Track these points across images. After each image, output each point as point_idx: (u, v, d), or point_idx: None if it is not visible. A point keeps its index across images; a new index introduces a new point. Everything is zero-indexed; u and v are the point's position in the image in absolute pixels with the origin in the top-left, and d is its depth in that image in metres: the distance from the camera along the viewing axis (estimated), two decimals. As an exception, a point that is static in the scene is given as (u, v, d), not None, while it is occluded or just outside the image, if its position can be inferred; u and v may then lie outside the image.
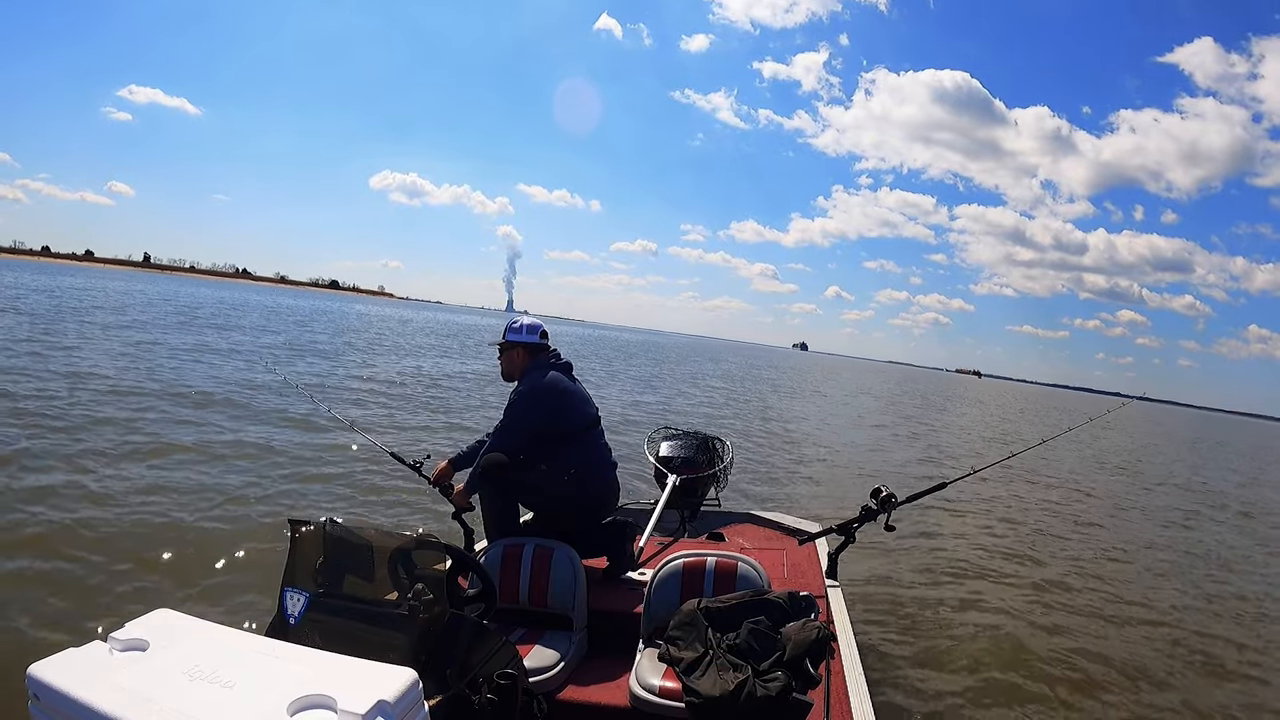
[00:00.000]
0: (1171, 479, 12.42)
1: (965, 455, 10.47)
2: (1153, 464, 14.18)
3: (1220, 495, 11.41)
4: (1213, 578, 5.37)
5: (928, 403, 27.71)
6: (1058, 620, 3.39)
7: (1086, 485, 9.00)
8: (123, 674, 1.17)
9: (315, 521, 1.65)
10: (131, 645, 1.25)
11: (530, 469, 2.74)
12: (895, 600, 3.75)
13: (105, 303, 26.96)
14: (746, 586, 2.11)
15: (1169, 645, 3.51)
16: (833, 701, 1.89)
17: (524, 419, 2.75)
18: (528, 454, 2.75)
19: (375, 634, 1.47)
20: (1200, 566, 5.77)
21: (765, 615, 1.90)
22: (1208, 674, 3.27)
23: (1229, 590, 4.84)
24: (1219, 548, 6.86)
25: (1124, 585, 4.39)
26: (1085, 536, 5.64)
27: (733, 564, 2.19)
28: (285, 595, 1.54)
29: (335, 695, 1.09)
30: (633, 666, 2.02)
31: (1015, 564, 4.21)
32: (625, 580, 2.74)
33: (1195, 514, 8.71)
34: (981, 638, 3.25)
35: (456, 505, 2.86)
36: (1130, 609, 3.91)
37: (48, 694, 1.14)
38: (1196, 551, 6.41)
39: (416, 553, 1.62)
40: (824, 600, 2.45)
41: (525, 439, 2.76)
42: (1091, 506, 7.34)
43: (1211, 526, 8.26)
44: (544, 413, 2.75)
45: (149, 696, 1.10)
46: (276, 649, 1.28)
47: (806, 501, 5.34)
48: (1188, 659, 3.43)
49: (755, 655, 1.80)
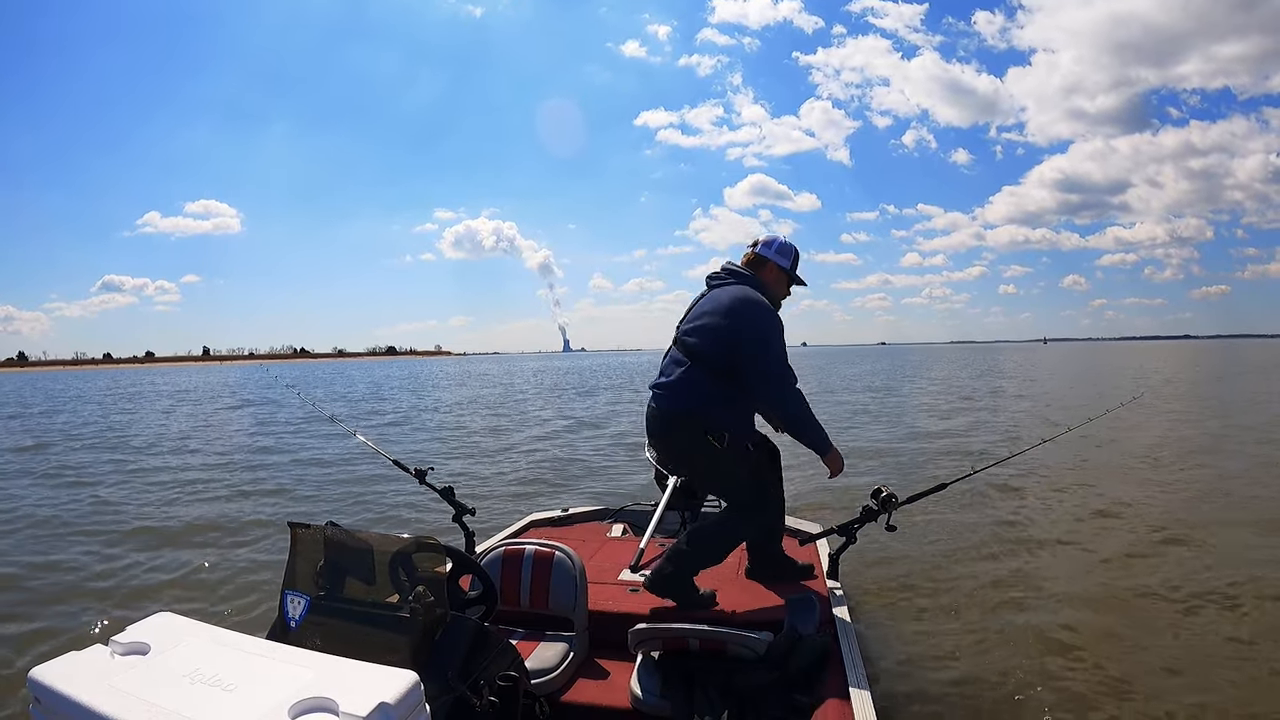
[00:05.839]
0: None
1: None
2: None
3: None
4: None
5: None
6: (1071, 621, 3.37)
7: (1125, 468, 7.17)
8: (124, 677, 1.17)
9: (316, 524, 1.65)
10: (132, 649, 1.25)
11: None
12: (897, 600, 3.75)
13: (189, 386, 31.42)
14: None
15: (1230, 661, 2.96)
16: (834, 702, 1.89)
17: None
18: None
19: (376, 636, 1.46)
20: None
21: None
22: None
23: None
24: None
25: (1174, 576, 3.88)
26: (1125, 524, 4.91)
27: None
28: (286, 598, 1.54)
29: (336, 698, 1.09)
30: (634, 668, 2.02)
31: (1025, 561, 4.20)
32: (625, 581, 2.74)
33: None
34: (988, 640, 3.24)
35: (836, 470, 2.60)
36: (1176, 612, 3.42)
37: (49, 697, 1.14)
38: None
39: (417, 555, 1.61)
40: (825, 601, 2.45)
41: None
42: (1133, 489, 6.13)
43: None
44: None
45: (150, 700, 1.10)
46: (277, 652, 1.27)
47: (806, 501, 5.34)
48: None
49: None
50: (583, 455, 9.45)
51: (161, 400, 25.06)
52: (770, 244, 2.65)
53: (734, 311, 2.44)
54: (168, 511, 6.45)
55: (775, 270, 2.63)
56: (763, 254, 2.63)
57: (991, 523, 4.97)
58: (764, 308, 2.48)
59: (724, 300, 2.49)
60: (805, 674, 1.89)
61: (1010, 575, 3.95)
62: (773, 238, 2.68)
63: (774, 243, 2.66)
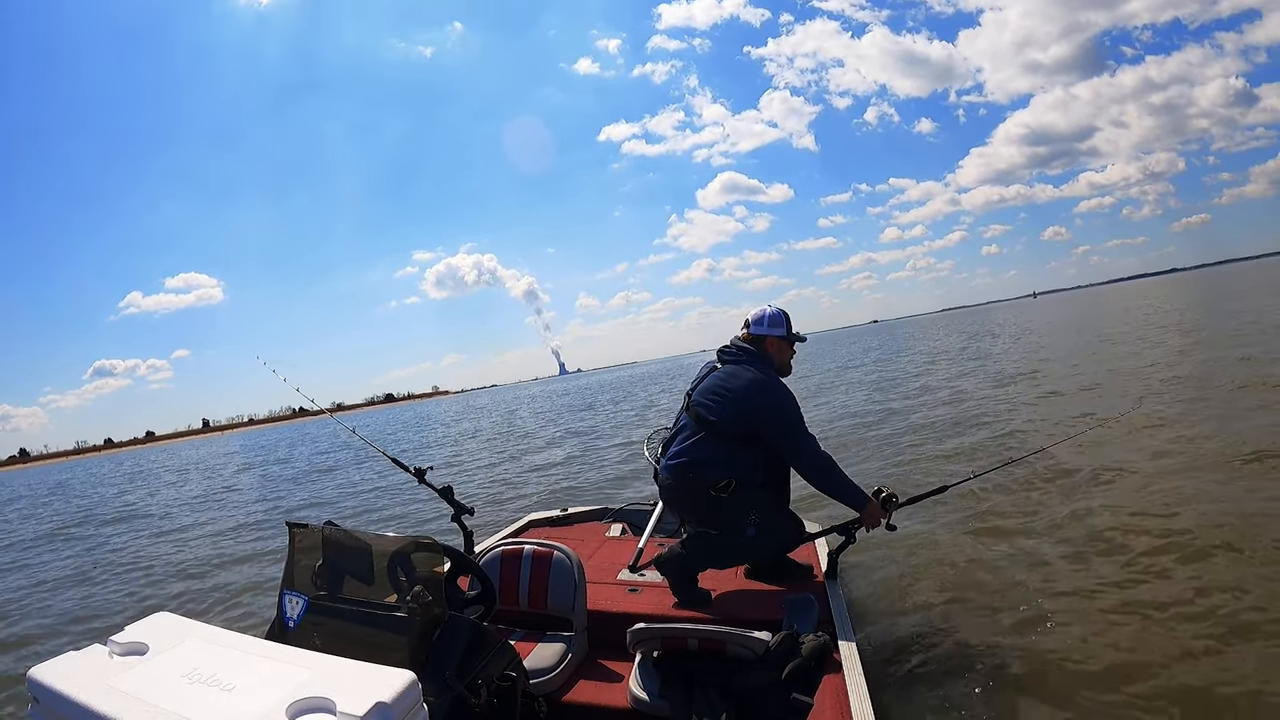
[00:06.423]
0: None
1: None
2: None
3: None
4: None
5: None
6: (1072, 622, 3.37)
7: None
8: (122, 677, 1.17)
9: (314, 525, 1.66)
10: (131, 648, 1.26)
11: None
12: (896, 601, 3.75)
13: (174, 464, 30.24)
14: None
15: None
16: (833, 702, 1.89)
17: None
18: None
19: (374, 636, 1.47)
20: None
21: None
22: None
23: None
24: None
25: (1185, 577, 3.65)
26: (1131, 525, 4.51)
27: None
28: (284, 598, 1.55)
29: (334, 697, 1.10)
30: (632, 668, 2.02)
31: (1025, 561, 4.20)
32: (624, 581, 2.74)
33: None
34: (987, 639, 3.24)
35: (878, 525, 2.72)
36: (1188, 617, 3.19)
37: (48, 697, 1.14)
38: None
39: (415, 555, 1.62)
40: (824, 601, 2.45)
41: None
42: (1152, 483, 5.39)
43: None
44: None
45: (148, 700, 1.11)
46: (275, 651, 1.28)
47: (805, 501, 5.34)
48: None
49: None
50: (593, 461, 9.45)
51: (168, 474, 24.57)
52: (760, 320, 2.82)
53: (751, 399, 2.62)
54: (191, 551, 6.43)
55: (775, 342, 2.81)
56: (756, 333, 2.81)
57: (992, 523, 4.97)
58: (780, 394, 2.66)
59: (740, 384, 2.66)
60: (804, 674, 1.90)
61: (1011, 575, 3.95)
62: (760, 313, 2.84)
63: (763, 318, 2.82)
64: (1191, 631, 3.16)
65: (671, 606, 2.51)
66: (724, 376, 2.72)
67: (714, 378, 2.75)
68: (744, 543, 2.62)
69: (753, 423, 2.61)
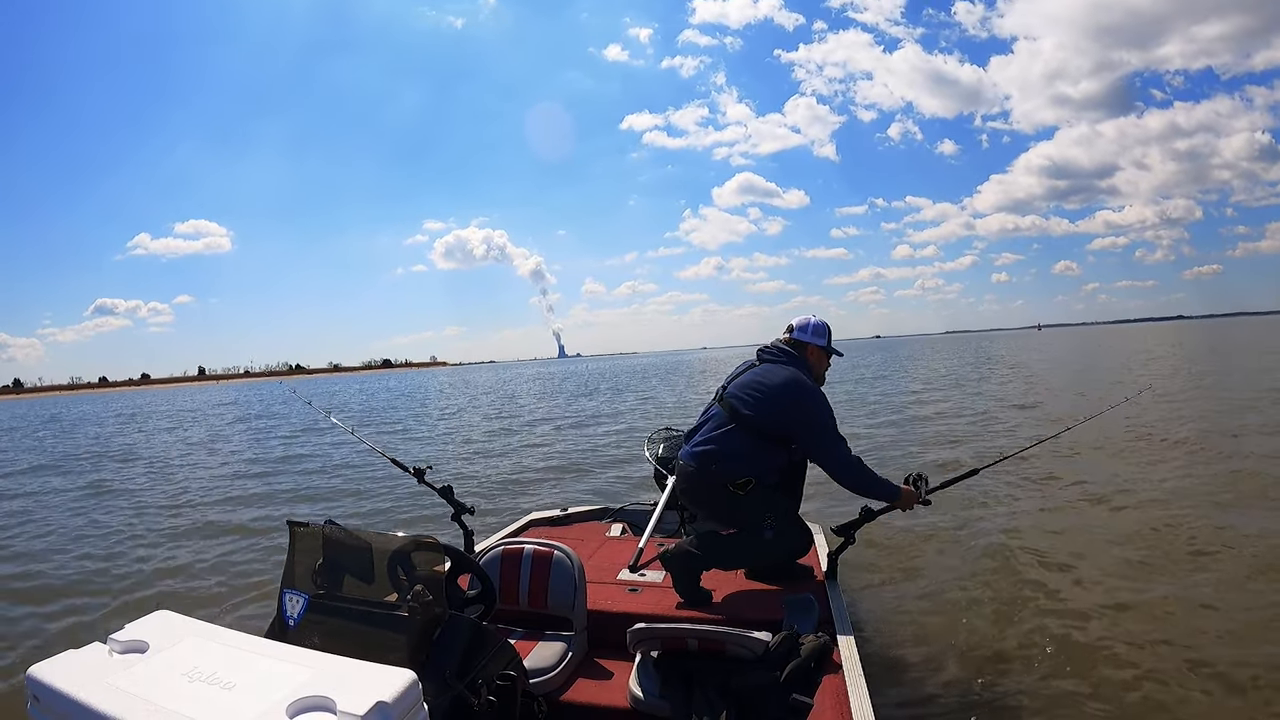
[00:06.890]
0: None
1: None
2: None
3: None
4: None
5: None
6: (1073, 621, 3.36)
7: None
8: (122, 675, 1.17)
9: (314, 523, 1.65)
10: (131, 647, 1.25)
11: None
12: (896, 601, 3.75)
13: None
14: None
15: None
16: (833, 702, 1.89)
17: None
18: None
19: (374, 635, 1.47)
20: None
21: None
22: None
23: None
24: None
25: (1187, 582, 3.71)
26: (1133, 525, 4.69)
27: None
28: (284, 597, 1.55)
29: (334, 696, 1.09)
30: (632, 668, 2.02)
31: (1026, 561, 4.20)
32: (624, 581, 2.74)
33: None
34: (987, 640, 3.24)
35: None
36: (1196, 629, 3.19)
37: (48, 695, 1.14)
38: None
39: (415, 554, 1.61)
40: (824, 601, 2.45)
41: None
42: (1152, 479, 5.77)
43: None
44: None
45: (148, 698, 1.11)
46: (276, 650, 1.28)
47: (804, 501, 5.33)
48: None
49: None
50: (584, 450, 9.46)
51: (162, 420, 24.93)
52: (805, 328, 2.85)
53: (789, 396, 2.64)
54: (179, 514, 6.45)
55: (816, 351, 2.85)
56: (799, 339, 2.84)
57: (992, 522, 4.97)
58: (817, 396, 2.69)
59: (778, 381, 2.68)
60: (804, 674, 1.89)
61: (1011, 575, 3.95)
62: (805, 320, 2.87)
63: (808, 326, 2.85)
64: (1193, 633, 3.17)
65: (672, 606, 2.50)
66: (763, 373, 2.74)
67: (752, 374, 2.77)
68: (760, 544, 2.62)
69: (787, 421, 2.63)
